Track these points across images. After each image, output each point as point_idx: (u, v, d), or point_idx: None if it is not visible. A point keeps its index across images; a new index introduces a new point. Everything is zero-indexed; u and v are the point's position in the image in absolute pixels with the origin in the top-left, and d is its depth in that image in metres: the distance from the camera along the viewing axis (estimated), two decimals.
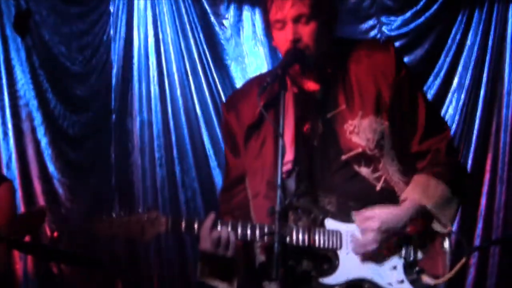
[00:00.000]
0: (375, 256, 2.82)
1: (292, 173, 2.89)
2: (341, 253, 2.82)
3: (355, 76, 2.90)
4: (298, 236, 2.81)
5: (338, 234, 2.83)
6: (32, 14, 5.96)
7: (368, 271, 2.82)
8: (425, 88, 6.16)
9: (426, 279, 2.83)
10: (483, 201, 6.04)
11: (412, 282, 2.82)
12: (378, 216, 2.79)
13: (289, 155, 2.89)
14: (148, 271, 6.15)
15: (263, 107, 2.74)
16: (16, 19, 5.92)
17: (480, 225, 6.08)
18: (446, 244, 2.88)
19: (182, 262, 6.17)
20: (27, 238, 5.45)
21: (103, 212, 3.02)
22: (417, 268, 2.84)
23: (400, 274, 2.83)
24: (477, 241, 6.04)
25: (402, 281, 2.82)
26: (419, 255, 2.86)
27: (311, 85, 2.96)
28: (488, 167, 6.15)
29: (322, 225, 2.84)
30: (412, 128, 2.92)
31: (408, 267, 2.84)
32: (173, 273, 6.16)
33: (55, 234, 5.75)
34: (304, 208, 2.88)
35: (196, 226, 2.87)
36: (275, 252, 2.55)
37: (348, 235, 2.83)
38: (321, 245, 2.82)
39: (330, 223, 2.85)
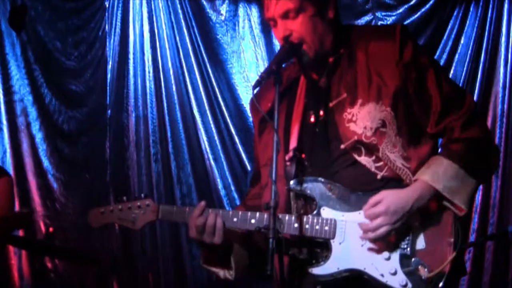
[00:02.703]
0: (386, 241, 2.74)
1: (294, 161, 2.90)
2: (334, 243, 2.79)
3: (358, 64, 2.88)
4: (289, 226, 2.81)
5: (332, 223, 2.80)
6: (27, 9, 5.94)
7: (360, 261, 2.77)
8: None
9: (422, 271, 2.74)
10: (479, 196, 6.02)
11: (408, 273, 2.74)
12: (385, 198, 2.73)
13: (293, 143, 2.92)
14: (143, 267, 6.14)
15: (279, 95, 2.74)
16: (12, 14, 5.91)
17: (475, 220, 6.07)
18: (452, 234, 2.76)
19: (178, 258, 6.15)
20: (21, 233, 5.45)
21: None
22: (414, 259, 2.76)
23: (393, 265, 2.75)
24: (472, 237, 6.03)
25: (394, 273, 2.74)
26: (420, 245, 2.77)
27: (315, 75, 2.98)
28: None
29: (318, 213, 2.83)
30: (426, 110, 2.83)
31: (405, 258, 2.76)
32: (168, 269, 6.14)
33: (51, 229, 5.74)
34: (305, 196, 2.87)
35: (186, 213, 2.91)
36: (269, 248, 2.54)
37: (345, 224, 2.80)
38: (313, 235, 2.80)
39: (327, 212, 2.83)
